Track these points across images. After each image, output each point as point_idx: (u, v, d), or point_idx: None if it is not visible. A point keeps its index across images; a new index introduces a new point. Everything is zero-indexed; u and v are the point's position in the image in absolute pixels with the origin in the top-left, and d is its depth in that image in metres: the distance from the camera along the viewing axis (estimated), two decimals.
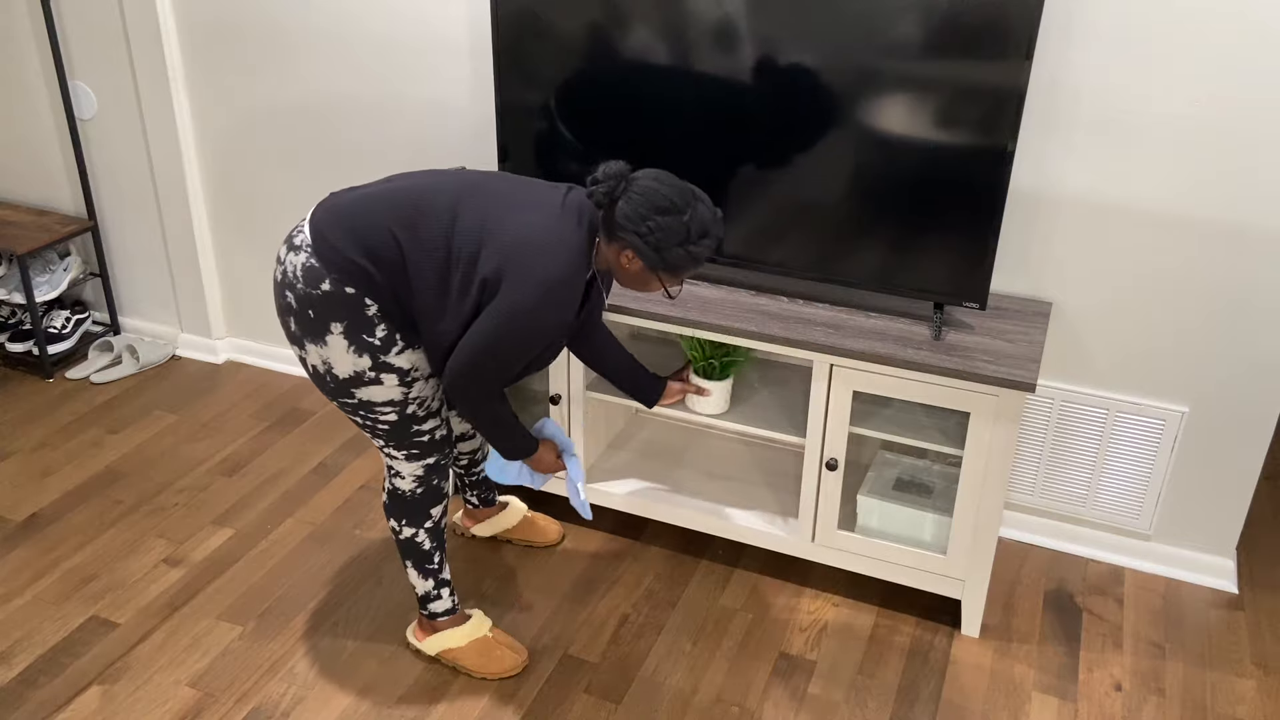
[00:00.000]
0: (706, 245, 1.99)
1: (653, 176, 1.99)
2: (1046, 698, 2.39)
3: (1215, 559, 2.73)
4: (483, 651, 2.39)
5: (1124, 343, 2.59)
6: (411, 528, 2.31)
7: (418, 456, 2.23)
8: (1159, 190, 2.42)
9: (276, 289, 2.10)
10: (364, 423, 2.18)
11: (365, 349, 2.05)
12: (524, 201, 2.02)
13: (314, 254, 2.02)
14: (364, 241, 2.01)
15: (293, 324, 2.08)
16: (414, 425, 2.18)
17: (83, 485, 3.03)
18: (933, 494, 2.60)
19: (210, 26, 3.18)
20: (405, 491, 2.27)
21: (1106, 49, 2.33)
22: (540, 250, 1.96)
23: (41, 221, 3.60)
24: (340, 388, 2.11)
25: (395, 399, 2.12)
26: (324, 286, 2.01)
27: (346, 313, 2.02)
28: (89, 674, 2.39)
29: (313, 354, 2.09)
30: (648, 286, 2.07)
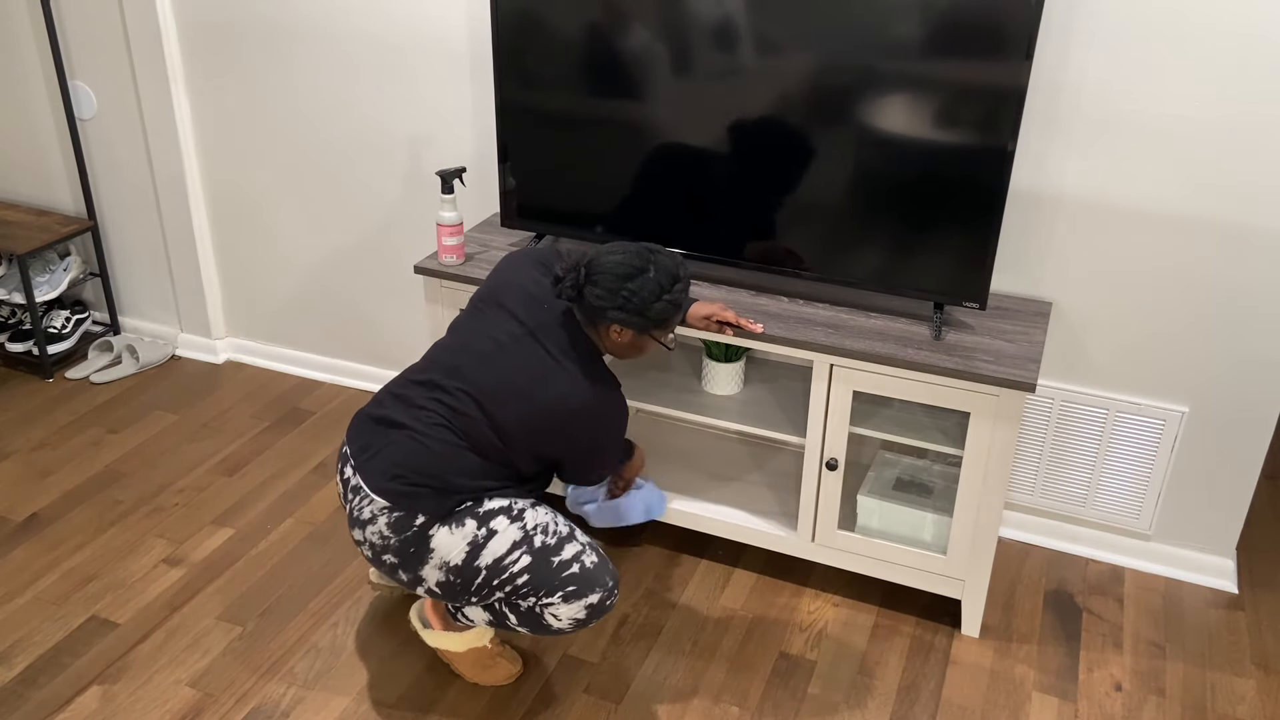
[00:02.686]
0: (680, 289, 2.08)
1: (607, 251, 2.08)
2: (1046, 698, 2.39)
3: (1215, 559, 2.73)
4: (478, 660, 2.36)
5: (1124, 343, 2.59)
6: (521, 628, 2.18)
7: (576, 594, 2.08)
8: (1159, 190, 2.42)
9: (376, 560, 2.15)
10: (505, 593, 2.10)
11: (464, 516, 2.09)
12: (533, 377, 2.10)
13: (393, 509, 2.07)
14: (430, 474, 2.08)
15: (403, 575, 2.13)
16: (553, 557, 2.09)
17: (83, 485, 3.03)
18: (933, 494, 2.60)
19: (210, 26, 3.18)
20: (551, 626, 2.13)
21: (1106, 49, 2.33)
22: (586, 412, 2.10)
23: (41, 221, 3.60)
24: (466, 573, 2.08)
25: (516, 539, 2.08)
26: (417, 523, 2.08)
27: (439, 517, 2.09)
28: (89, 674, 2.39)
29: (430, 574, 2.11)
30: (644, 349, 2.16)
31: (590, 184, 2.63)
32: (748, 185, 2.48)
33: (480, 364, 2.12)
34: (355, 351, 3.52)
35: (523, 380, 2.09)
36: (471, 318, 2.21)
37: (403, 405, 2.15)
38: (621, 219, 2.63)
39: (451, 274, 2.64)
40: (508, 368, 2.10)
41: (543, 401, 2.08)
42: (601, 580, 2.11)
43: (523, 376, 2.09)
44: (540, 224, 2.73)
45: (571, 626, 2.13)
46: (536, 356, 2.10)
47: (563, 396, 2.08)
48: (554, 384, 2.08)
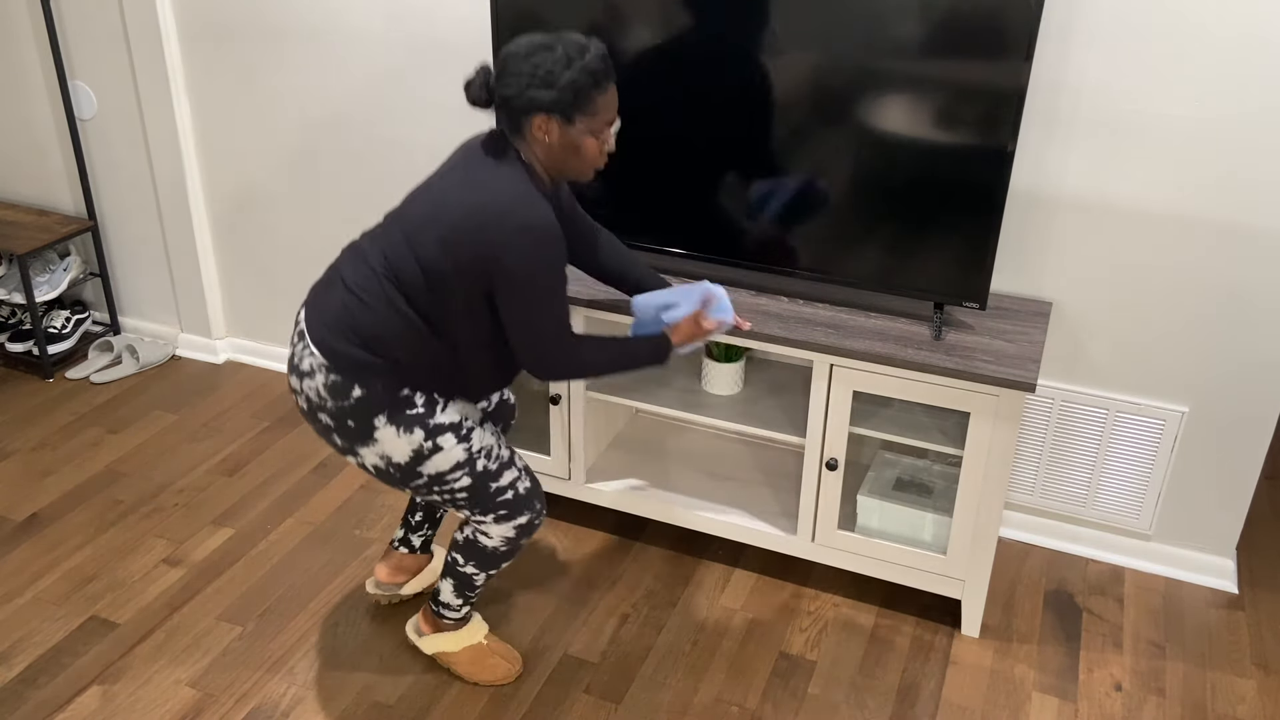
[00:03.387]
0: (594, 56, 1.91)
1: (509, 44, 1.94)
2: (1046, 698, 2.39)
3: (1215, 559, 2.73)
4: (475, 659, 2.37)
5: (1124, 343, 2.59)
6: (477, 570, 2.26)
7: (507, 517, 2.18)
8: (1159, 190, 2.42)
9: (307, 416, 2.10)
10: (443, 498, 2.14)
11: (413, 422, 2.04)
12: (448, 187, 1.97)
13: (332, 370, 2.02)
14: (369, 336, 2.00)
15: (338, 440, 2.08)
16: (491, 483, 2.13)
17: (83, 485, 3.03)
18: (933, 494, 2.60)
19: (210, 26, 3.18)
20: (489, 548, 2.22)
21: (1106, 49, 2.33)
22: (502, 211, 1.91)
23: (41, 221, 3.60)
24: (405, 471, 2.08)
25: (460, 460, 2.09)
26: (355, 393, 2.02)
27: (384, 405, 2.02)
28: (89, 674, 2.39)
29: (368, 456, 2.08)
30: (581, 151, 1.97)
31: (590, 183, 2.63)
32: (748, 185, 2.48)
33: (409, 201, 2.04)
34: None
35: (442, 199, 1.96)
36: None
37: (350, 257, 2.08)
38: (621, 218, 2.63)
39: None
40: (429, 196, 2.00)
41: (456, 213, 1.93)
42: (531, 504, 2.20)
43: (442, 196, 1.97)
44: None
45: (503, 544, 2.20)
46: (456, 176, 1.98)
47: (477, 203, 1.92)
48: (469, 193, 1.94)
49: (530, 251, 1.91)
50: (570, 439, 2.73)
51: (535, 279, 1.93)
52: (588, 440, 2.76)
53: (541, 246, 1.91)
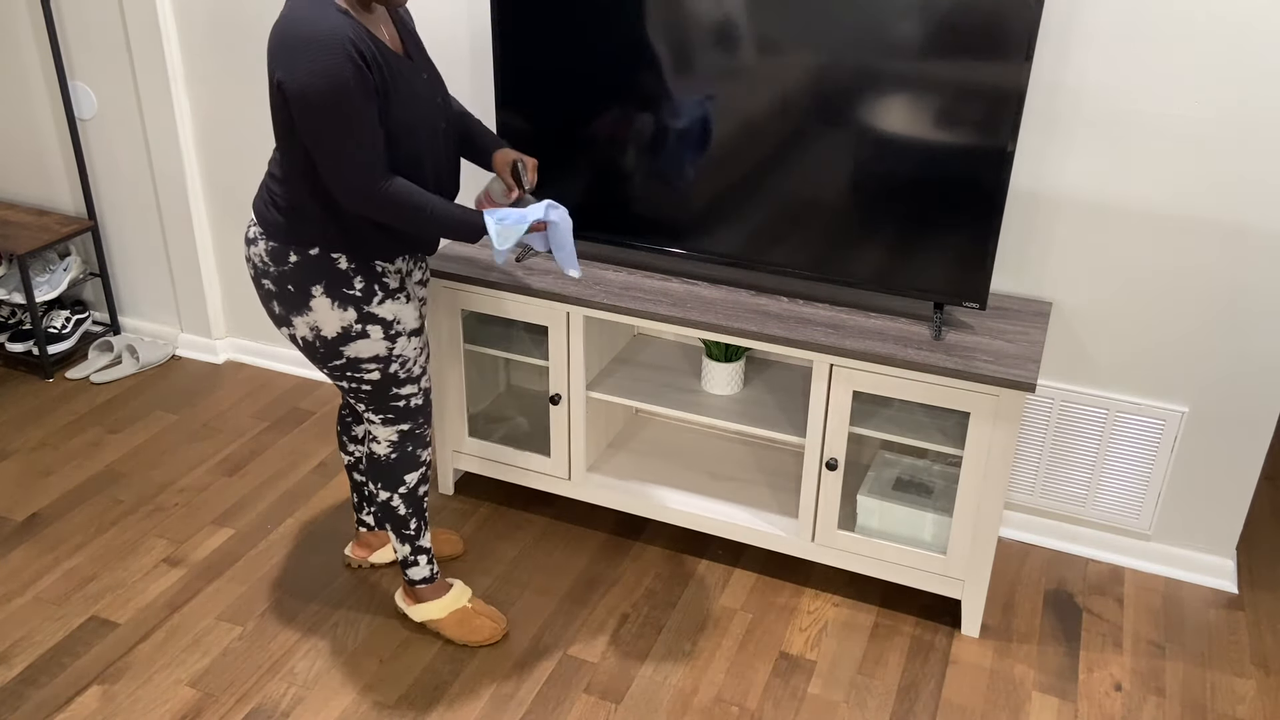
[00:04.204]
0: None
1: None
2: (1046, 698, 2.39)
3: (1215, 559, 2.73)
4: (462, 621, 2.47)
5: (1124, 343, 2.59)
6: (387, 492, 2.37)
7: (393, 421, 2.29)
8: (1159, 190, 2.42)
9: (255, 286, 2.21)
10: (349, 385, 2.24)
11: (349, 301, 2.13)
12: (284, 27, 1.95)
13: (267, 236, 2.12)
14: (278, 195, 2.10)
15: (277, 307, 2.17)
16: (393, 388, 2.25)
17: (83, 485, 3.03)
18: (933, 494, 2.60)
19: (210, 26, 3.18)
20: (380, 456, 2.34)
21: (1106, 49, 2.33)
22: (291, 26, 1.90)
23: (41, 221, 3.60)
24: (330, 348, 2.17)
25: (380, 354, 2.19)
26: (291, 259, 2.11)
27: (321, 274, 2.11)
28: (89, 674, 2.39)
29: (300, 325, 2.16)
30: None
31: (590, 183, 2.63)
32: (748, 185, 2.48)
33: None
34: None
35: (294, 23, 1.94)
36: None
37: None
38: (621, 218, 2.63)
39: (451, 274, 2.64)
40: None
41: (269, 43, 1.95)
42: (415, 417, 2.31)
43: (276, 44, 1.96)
44: None
45: (390, 449, 2.31)
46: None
47: (276, 28, 1.93)
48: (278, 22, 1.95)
49: (313, 63, 1.87)
50: (570, 439, 2.73)
51: (322, 92, 1.88)
52: (588, 440, 2.76)
53: (325, 56, 1.87)
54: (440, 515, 2.92)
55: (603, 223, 2.66)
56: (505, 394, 3.17)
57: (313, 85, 1.89)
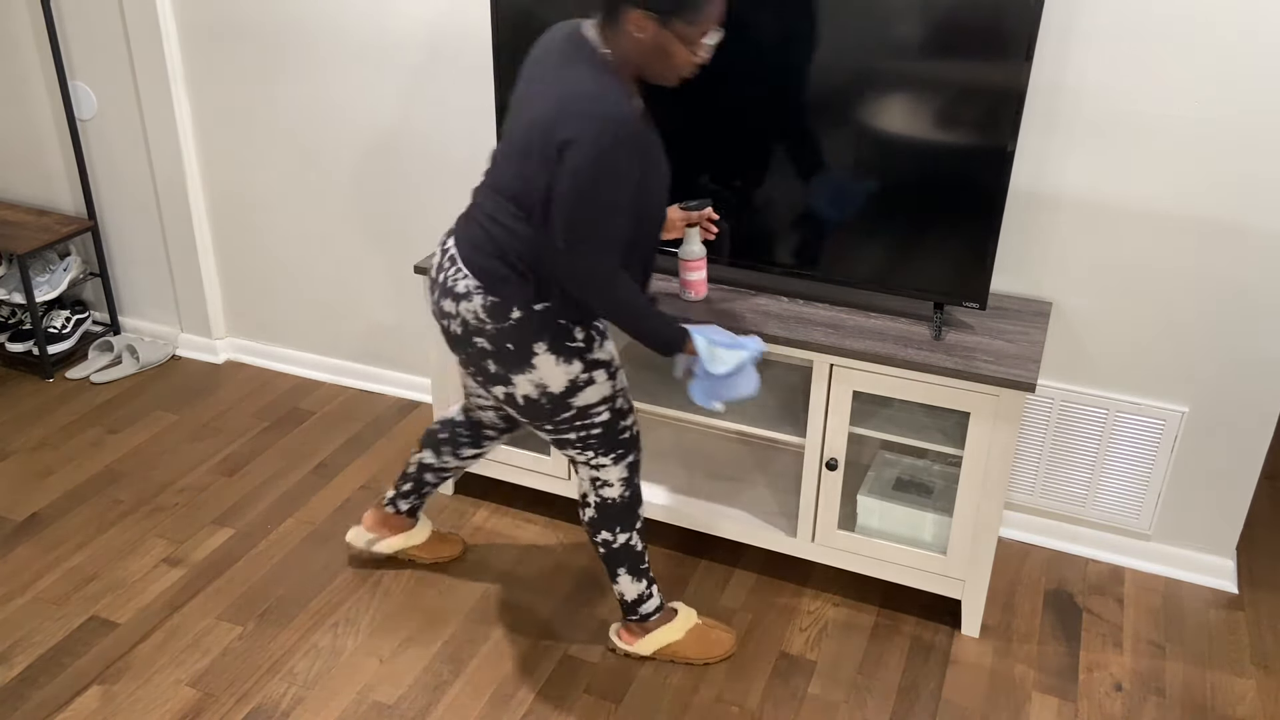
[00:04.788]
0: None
1: None
2: (1046, 698, 2.39)
3: (1215, 559, 2.73)
4: (701, 639, 2.43)
5: (1124, 343, 2.59)
6: (625, 533, 2.32)
7: (623, 455, 2.25)
8: (1159, 190, 2.42)
9: (457, 341, 2.11)
10: (579, 436, 2.18)
11: (573, 354, 2.08)
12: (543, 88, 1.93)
13: (486, 291, 2.03)
14: (508, 250, 2.01)
15: (492, 365, 2.09)
16: (620, 421, 2.21)
17: (83, 485, 3.03)
18: (933, 494, 2.60)
19: (210, 26, 3.18)
20: (615, 499, 2.29)
21: (1107, 49, 2.33)
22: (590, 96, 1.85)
23: (41, 221, 3.60)
24: (557, 403, 2.11)
25: (607, 394, 2.16)
26: (514, 315, 2.03)
27: (544, 329, 2.04)
28: (89, 674, 2.39)
29: (523, 384, 2.10)
30: (671, 59, 1.90)
31: None
32: (748, 185, 2.48)
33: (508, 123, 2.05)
34: (355, 351, 3.52)
35: (529, 109, 1.94)
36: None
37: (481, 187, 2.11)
38: None
39: None
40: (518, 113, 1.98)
41: (539, 110, 1.90)
42: (638, 444, 2.29)
43: (529, 106, 1.94)
44: None
45: (623, 487, 2.27)
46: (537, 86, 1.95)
47: (558, 96, 1.88)
48: (550, 91, 1.90)
49: (598, 140, 1.83)
50: None
51: (605, 174, 1.85)
52: None
53: (612, 139, 1.83)
54: (440, 515, 2.92)
55: None
56: None
57: (597, 165, 1.84)
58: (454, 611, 2.58)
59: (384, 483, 3.06)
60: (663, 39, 1.88)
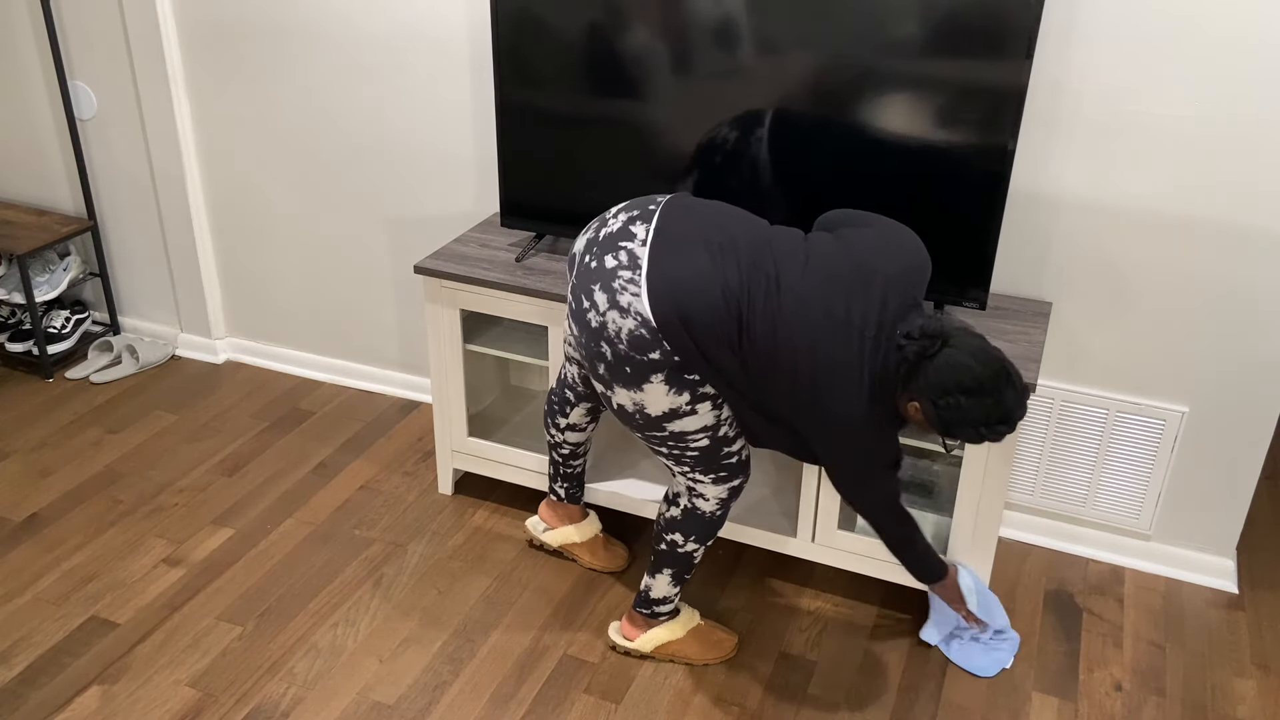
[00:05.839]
0: (1001, 431, 1.91)
1: (970, 352, 1.88)
2: (1046, 698, 2.39)
3: (1215, 559, 2.73)
4: (702, 639, 2.43)
5: (1124, 343, 2.59)
6: (697, 544, 2.31)
7: (725, 479, 2.22)
8: (1159, 190, 2.42)
9: (588, 331, 2.04)
10: (670, 453, 2.16)
11: (685, 387, 2.04)
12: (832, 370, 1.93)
13: (647, 328, 1.96)
14: (698, 337, 1.97)
15: (602, 369, 2.06)
16: (725, 448, 2.16)
17: (82, 485, 3.03)
18: (933, 494, 2.60)
19: (210, 27, 3.18)
20: (706, 513, 2.27)
21: (1106, 49, 2.33)
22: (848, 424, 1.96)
23: (41, 221, 3.60)
24: (651, 424, 2.09)
25: (709, 424, 2.10)
26: (652, 356, 1.99)
27: (668, 371, 2.01)
28: (89, 674, 2.39)
29: (622, 396, 2.07)
30: (924, 433, 2.05)
31: (590, 183, 2.63)
32: (748, 185, 2.48)
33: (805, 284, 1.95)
34: (355, 351, 3.52)
35: (817, 355, 1.93)
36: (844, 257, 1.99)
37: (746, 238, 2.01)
38: None
39: (452, 274, 2.64)
40: (820, 325, 1.93)
41: (810, 390, 1.94)
42: (746, 469, 2.26)
43: (821, 352, 1.93)
44: (540, 223, 2.73)
45: (718, 506, 2.26)
46: (848, 351, 1.93)
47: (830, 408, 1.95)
48: (837, 390, 1.94)
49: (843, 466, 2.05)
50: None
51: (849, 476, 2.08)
52: None
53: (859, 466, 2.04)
54: (440, 515, 2.92)
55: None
56: (505, 394, 3.17)
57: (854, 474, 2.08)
58: (454, 611, 2.58)
59: (384, 483, 3.06)
60: (925, 427, 1.96)
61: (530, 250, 2.75)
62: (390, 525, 2.88)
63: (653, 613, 2.41)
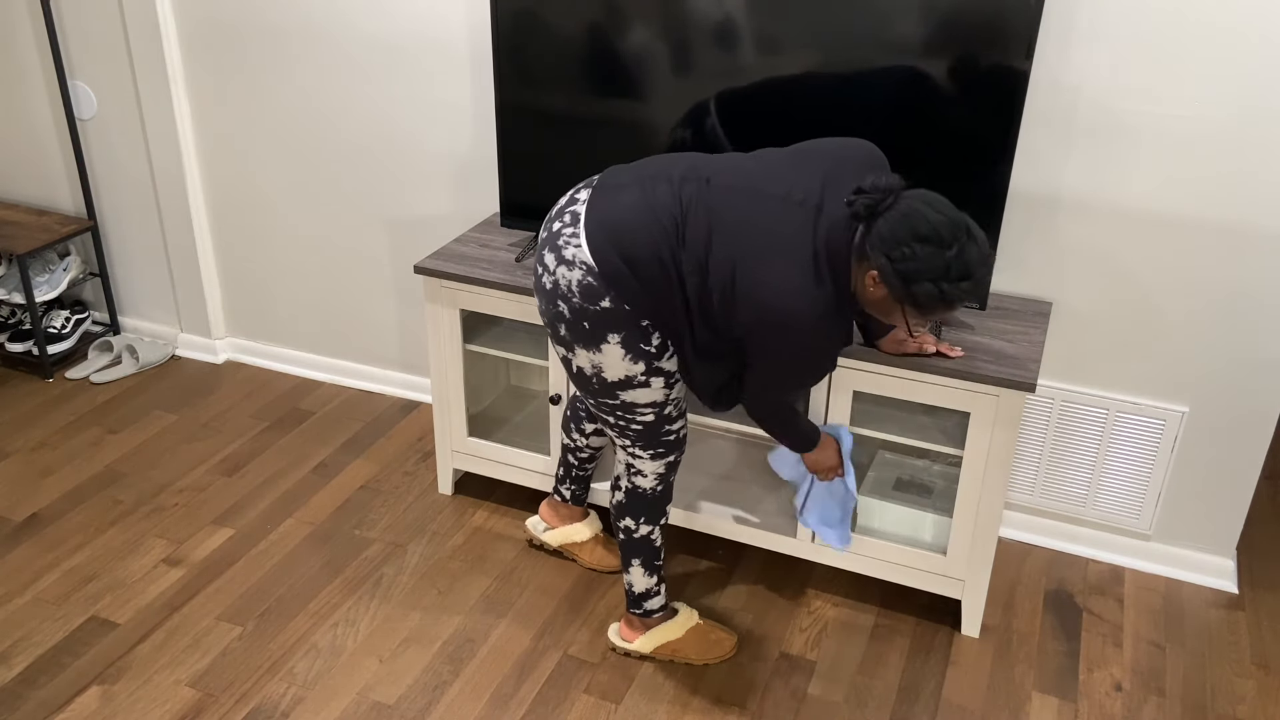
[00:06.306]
0: (964, 289, 1.81)
1: (924, 199, 1.82)
2: (1046, 698, 2.39)
3: (1215, 559, 2.73)
4: (701, 638, 2.44)
5: (1124, 343, 2.59)
6: (649, 525, 2.34)
7: (662, 455, 2.26)
8: (1159, 190, 2.42)
9: (544, 295, 2.08)
10: (617, 422, 2.20)
11: (640, 356, 2.07)
12: (773, 245, 1.89)
13: (591, 274, 2.00)
14: (638, 268, 1.99)
15: (563, 330, 2.09)
16: (666, 425, 2.21)
17: (82, 485, 3.03)
18: (933, 494, 2.60)
19: (210, 26, 3.18)
20: (646, 490, 2.30)
21: (1107, 49, 2.33)
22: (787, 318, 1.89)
23: (41, 221, 3.60)
24: (606, 389, 2.12)
25: (658, 400, 2.15)
26: (603, 304, 2.02)
27: (624, 325, 2.03)
28: (89, 674, 2.39)
29: (582, 358, 2.10)
30: (890, 316, 1.92)
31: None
32: None
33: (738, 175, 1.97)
34: (355, 351, 3.52)
35: (756, 233, 1.90)
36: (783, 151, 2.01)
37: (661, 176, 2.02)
38: None
39: (452, 274, 2.64)
40: (756, 204, 1.92)
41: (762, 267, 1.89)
42: (681, 446, 2.29)
43: (760, 229, 1.90)
44: (541, 223, 2.73)
45: (656, 481, 2.29)
46: (788, 225, 1.88)
47: (768, 283, 1.88)
48: (778, 270, 1.88)
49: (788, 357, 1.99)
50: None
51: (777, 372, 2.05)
52: None
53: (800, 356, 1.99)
54: (440, 515, 2.92)
55: None
56: (505, 394, 3.17)
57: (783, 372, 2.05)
58: (454, 611, 2.58)
59: (384, 483, 3.06)
60: (888, 305, 1.89)
61: (530, 250, 2.75)
62: (390, 525, 2.88)
63: (645, 611, 2.41)
